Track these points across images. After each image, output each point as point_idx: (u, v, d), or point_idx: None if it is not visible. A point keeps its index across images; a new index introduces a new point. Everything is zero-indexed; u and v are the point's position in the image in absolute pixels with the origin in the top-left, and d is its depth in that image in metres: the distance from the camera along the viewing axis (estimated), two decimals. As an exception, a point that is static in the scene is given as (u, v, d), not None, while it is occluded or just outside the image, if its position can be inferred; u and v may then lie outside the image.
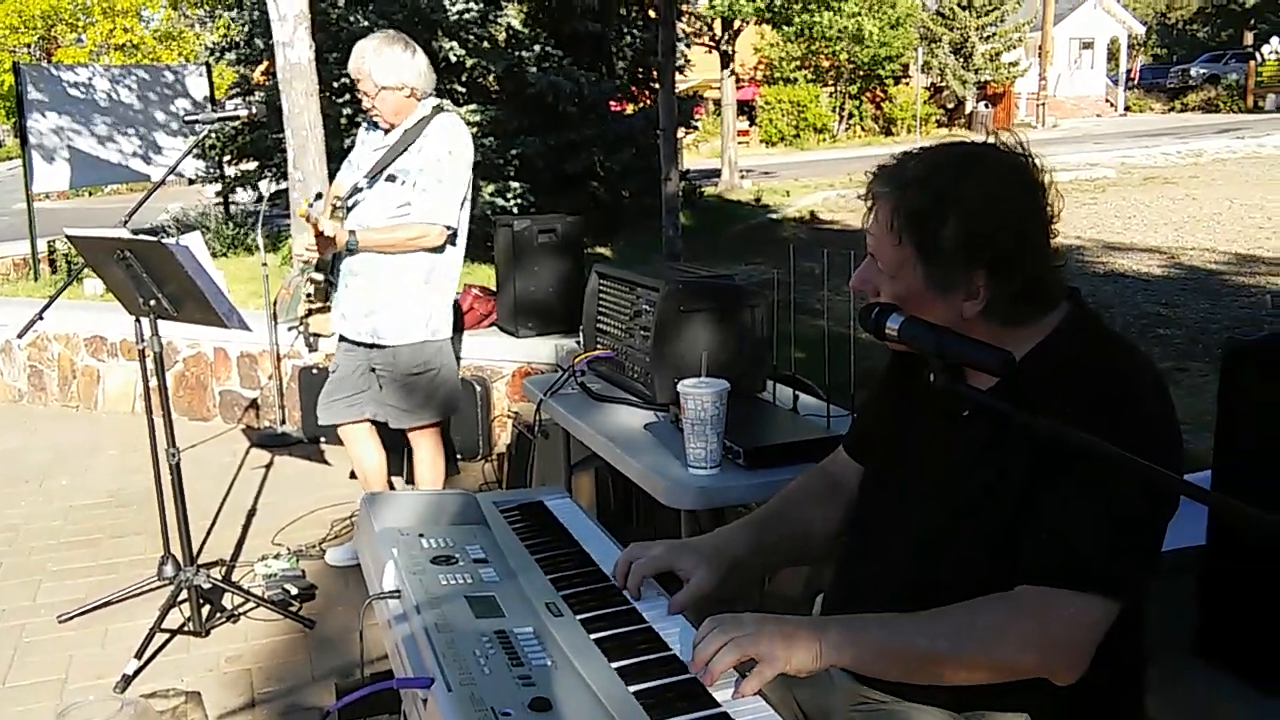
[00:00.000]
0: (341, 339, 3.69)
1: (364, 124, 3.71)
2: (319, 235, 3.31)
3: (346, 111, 8.82)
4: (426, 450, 3.71)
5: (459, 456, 5.00)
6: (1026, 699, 1.41)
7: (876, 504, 1.62)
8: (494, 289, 5.02)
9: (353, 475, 4.57)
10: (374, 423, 3.74)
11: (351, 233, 3.33)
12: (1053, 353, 1.43)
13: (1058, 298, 1.46)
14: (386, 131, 3.52)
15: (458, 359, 4.01)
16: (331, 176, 4.02)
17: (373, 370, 3.64)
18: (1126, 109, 36.64)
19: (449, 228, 3.46)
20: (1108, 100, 37.43)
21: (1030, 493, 1.36)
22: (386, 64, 3.41)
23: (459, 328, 3.80)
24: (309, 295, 3.52)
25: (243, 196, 11.38)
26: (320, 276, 3.37)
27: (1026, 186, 1.42)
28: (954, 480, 1.47)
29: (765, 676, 1.28)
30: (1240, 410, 1.82)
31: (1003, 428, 1.38)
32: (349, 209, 3.48)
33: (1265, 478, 1.78)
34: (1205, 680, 1.89)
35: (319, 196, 3.46)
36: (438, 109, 3.53)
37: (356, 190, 3.47)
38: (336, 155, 5.03)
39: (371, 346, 3.59)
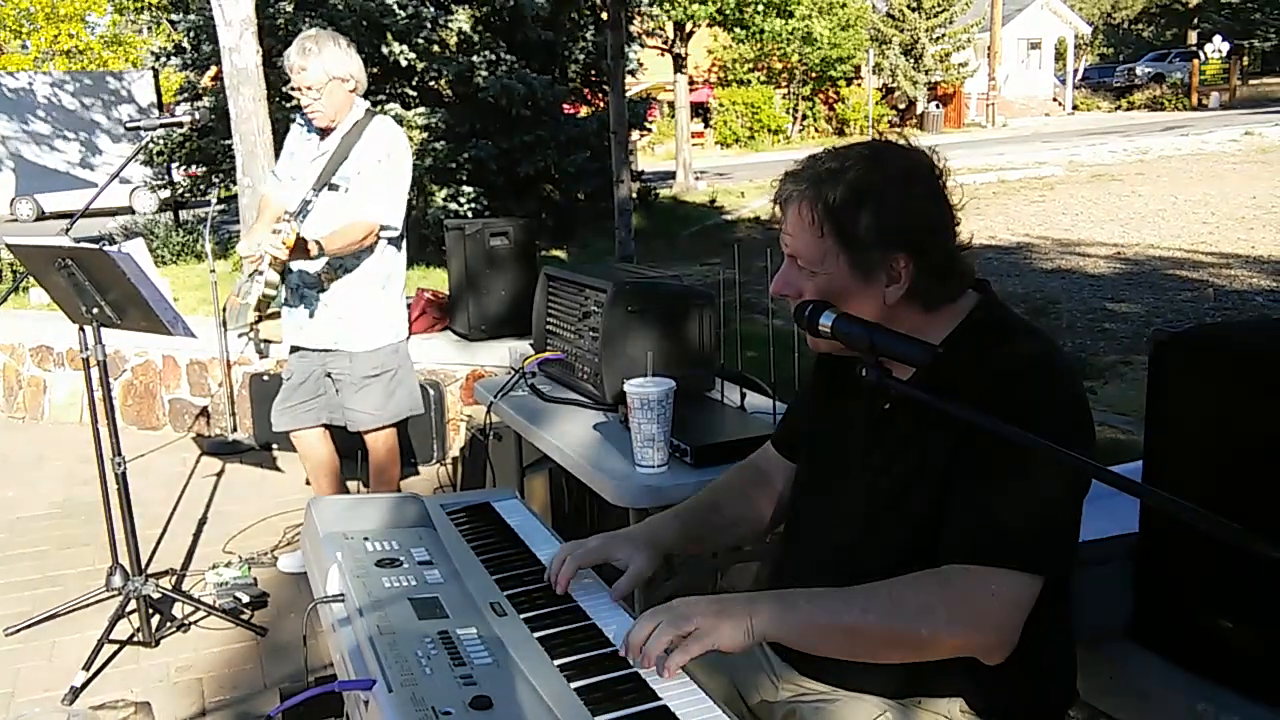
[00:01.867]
0: (294, 347, 3.68)
1: (296, 128, 3.68)
2: (294, 250, 3.25)
3: (295, 117, 8.75)
4: (382, 453, 3.70)
5: (414, 460, 4.99)
6: (961, 684, 1.45)
7: (808, 499, 1.66)
8: (447, 293, 5.01)
9: (308, 482, 4.54)
10: (328, 428, 3.73)
11: (316, 242, 3.31)
12: (966, 339, 1.49)
13: (970, 281, 1.53)
14: (322, 137, 3.51)
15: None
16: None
17: (329, 375, 3.63)
18: (1074, 108, 37.17)
19: (394, 228, 3.46)
20: (1056, 100, 37.97)
21: (951, 475, 1.41)
22: (336, 54, 3.40)
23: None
24: (260, 301, 3.49)
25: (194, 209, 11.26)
26: (277, 279, 3.35)
27: (928, 175, 1.49)
28: (880, 470, 1.51)
29: (692, 651, 1.31)
30: (1168, 400, 1.86)
31: (925, 418, 1.43)
32: (300, 221, 3.45)
33: (1191, 465, 1.83)
34: (1139, 664, 1.93)
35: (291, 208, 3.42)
36: (370, 113, 3.54)
37: (306, 203, 3.46)
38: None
39: (328, 352, 3.59)
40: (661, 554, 1.65)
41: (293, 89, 3.48)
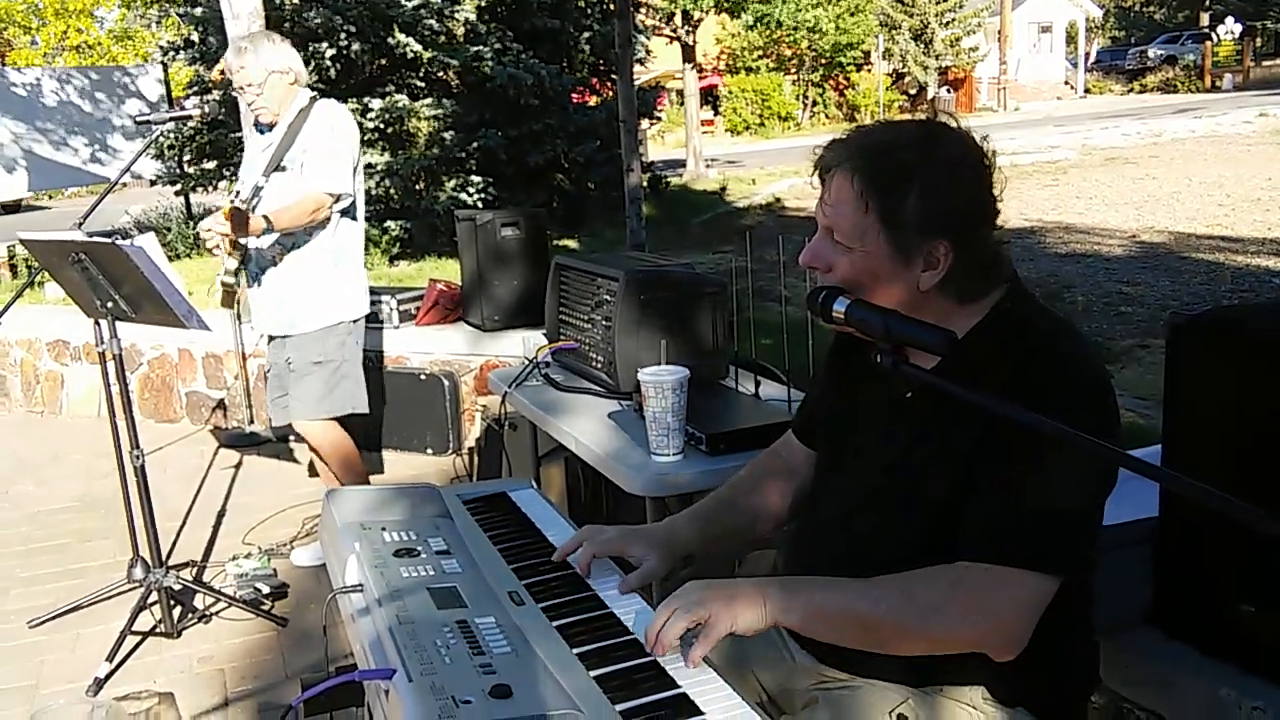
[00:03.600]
0: (269, 337, 3.73)
1: (249, 130, 3.73)
2: (235, 224, 3.27)
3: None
4: (327, 449, 3.69)
5: (429, 452, 5.00)
6: (982, 673, 1.44)
7: (826, 485, 1.65)
8: (459, 283, 5.01)
9: (312, 473, 4.56)
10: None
11: (265, 217, 3.33)
12: (993, 330, 1.46)
13: (1006, 275, 1.49)
14: (272, 128, 3.54)
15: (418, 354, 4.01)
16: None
17: (288, 362, 3.63)
18: (1086, 91, 36.92)
19: (342, 195, 3.47)
20: (1067, 83, 37.72)
21: (972, 470, 1.39)
22: (269, 50, 3.46)
23: (360, 313, 3.72)
24: (223, 289, 3.48)
25: (205, 197, 11.27)
26: (234, 264, 3.36)
27: (980, 163, 1.45)
28: (899, 458, 1.49)
29: (712, 639, 1.31)
30: (1185, 384, 1.85)
31: (945, 406, 1.40)
32: (254, 208, 3.47)
33: (1210, 449, 1.82)
34: (1160, 650, 1.93)
35: (243, 194, 3.47)
36: (313, 99, 3.56)
37: (258, 189, 3.49)
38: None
39: (285, 339, 3.61)
40: (678, 555, 1.63)
41: (235, 91, 3.55)
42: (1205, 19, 37.58)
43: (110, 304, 3.15)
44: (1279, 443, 1.70)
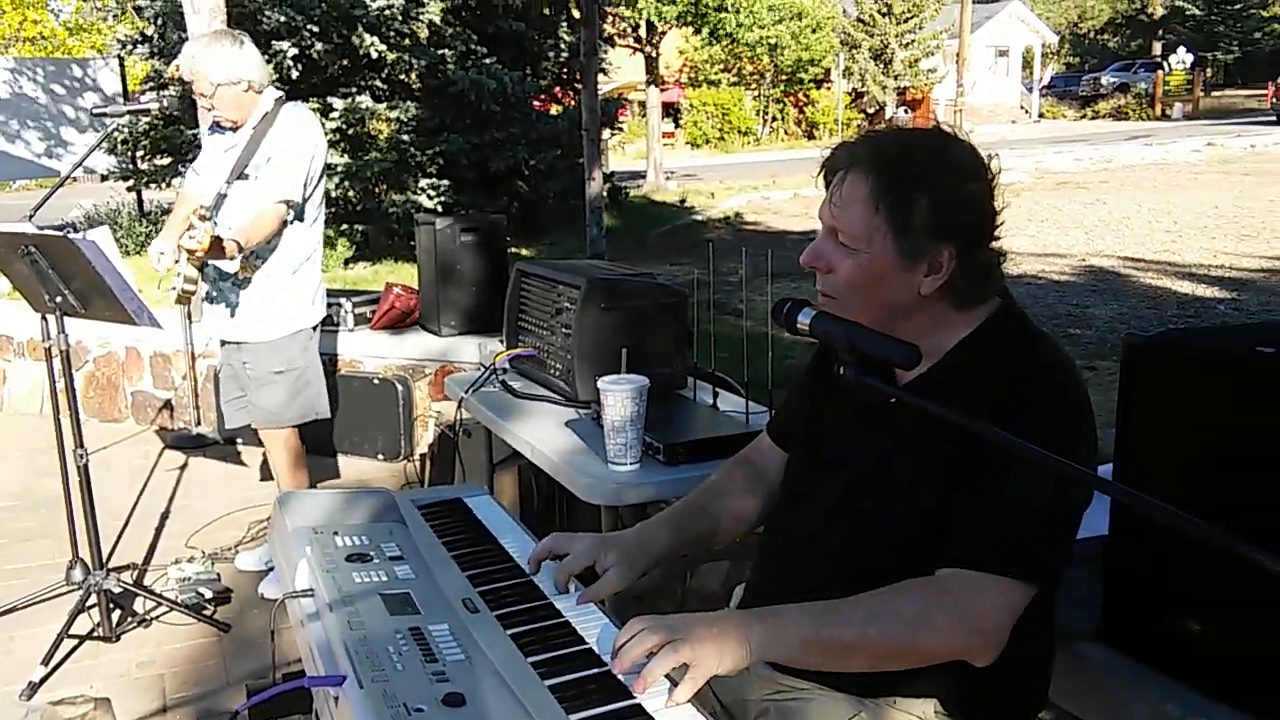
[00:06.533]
0: (222, 340, 3.66)
1: (207, 129, 3.67)
2: (211, 248, 3.14)
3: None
4: (282, 455, 3.64)
5: (380, 457, 4.95)
6: (935, 685, 1.45)
7: (799, 493, 1.65)
8: (416, 288, 4.97)
9: (264, 476, 4.50)
10: None
11: (235, 241, 3.22)
12: (981, 342, 1.48)
13: (1001, 285, 1.52)
14: (235, 130, 3.48)
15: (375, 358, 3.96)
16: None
17: (245, 365, 3.59)
18: (1040, 116, 37.56)
19: (289, 202, 3.39)
20: (1022, 107, 38.34)
21: (953, 480, 1.40)
22: (217, 60, 3.36)
23: (317, 319, 3.64)
24: (180, 295, 3.40)
25: (158, 193, 11.11)
26: (195, 274, 3.28)
27: (985, 173, 1.48)
28: (877, 468, 1.50)
29: (698, 682, 1.27)
30: (1138, 404, 1.88)
31: (924, 416, 1.41)
32: (215, 215, 3.40)
33: (1162, 468, 1.84)
34: (1108, 665, 1.95)
35: (205, 202, 3.37)
36: (280, 101, 3.50)
37: (221, 196, 3.42)
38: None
39: (240, 345, 3.56)
40: (650, 562, 1.62)
41: (194, 96, 3.48)
42: (1158, 48, 38.41)
43: (60, 298, 3.08)
44: (1229, 461, 1.72)
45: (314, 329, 3.62)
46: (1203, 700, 1.79)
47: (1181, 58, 35.63)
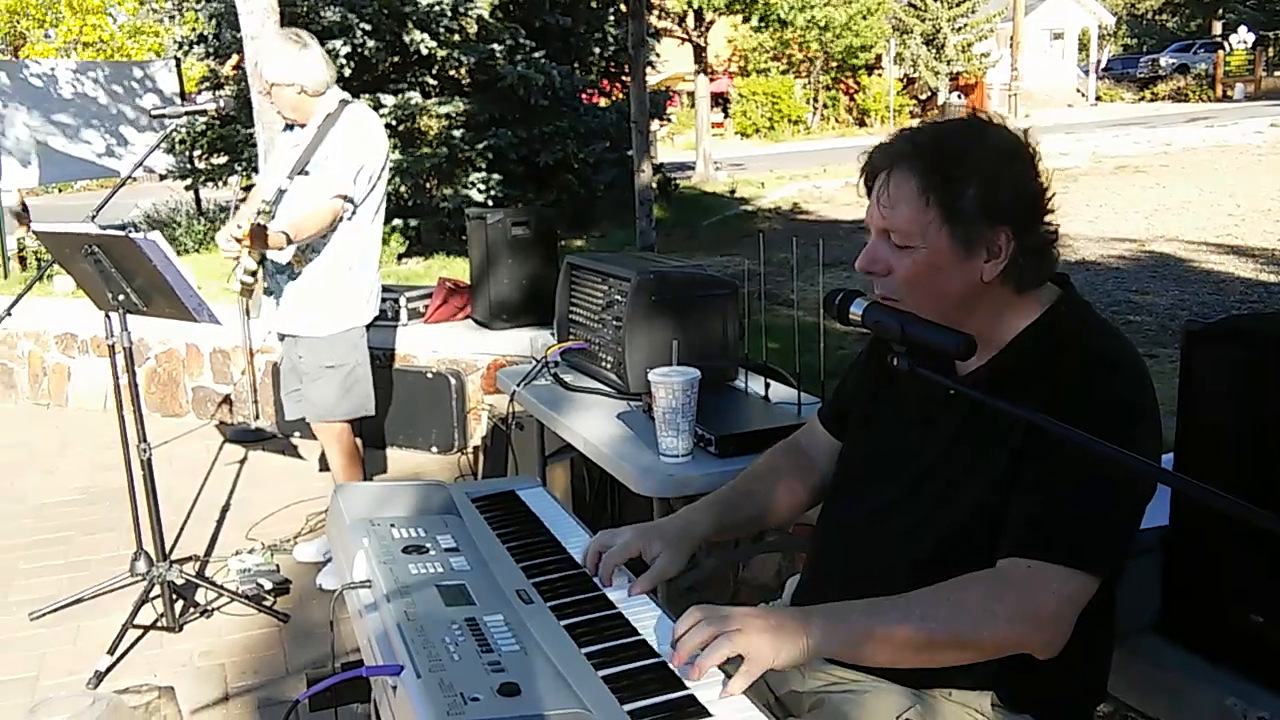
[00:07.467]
0: (280, 334, 3.74)
1: (262, 126, 3.75)
2: (255, 239, 3.24)
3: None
4: (336, 449, 3.70)
5: (434, 450, 5.00)
6: (992, 676, 1.43)
7: (853, 486, 1.64)
8: (468, 282, 5.01)
9: (323, 468, 4.56)
10: None
11: (284, 233, 3.31)
12: (1042, 333, 1.47)
13: (1057, 264, 1.50)
14: (303, 127, 3.55)
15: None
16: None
17: (300, 358, 3.65)
18: (1097, 99, 36.85)
19: (344, 197, 3.45)
20: (1079, 91, 37.65)
21: (1013, 470, 1.39)
22: (276, 59, 3.45)
23: (370, 318, 3.72)
24: (242, 288, 3.47)
25: (215, 192, 11.30)
26: (254, 265, 3.35)
27: (1028, 153, 1.47)
28: (934, 458, 1.49)
29: (753, 674, 1.27)
30: (1198, 392, 1.84)
31: (985, 408, 1.40)
32: (275, 209, 3.46)
33: (1223, 456, 1.81)
34: (1168, 659, 1.91)
35: (267, 195, 3.46)
36: (344, 103, 3.56)
37: (281, 191, 3.49)
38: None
39: (294, 338, 3.64)
40: (694, 547, 1.62)
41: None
42: (1218, 28, 37.48)
43: (122, 296, 3.15)
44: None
45: (366, 328, 3.67)
46: (1266, 694, 1.76)
47: (1243, 37, 34.72)
